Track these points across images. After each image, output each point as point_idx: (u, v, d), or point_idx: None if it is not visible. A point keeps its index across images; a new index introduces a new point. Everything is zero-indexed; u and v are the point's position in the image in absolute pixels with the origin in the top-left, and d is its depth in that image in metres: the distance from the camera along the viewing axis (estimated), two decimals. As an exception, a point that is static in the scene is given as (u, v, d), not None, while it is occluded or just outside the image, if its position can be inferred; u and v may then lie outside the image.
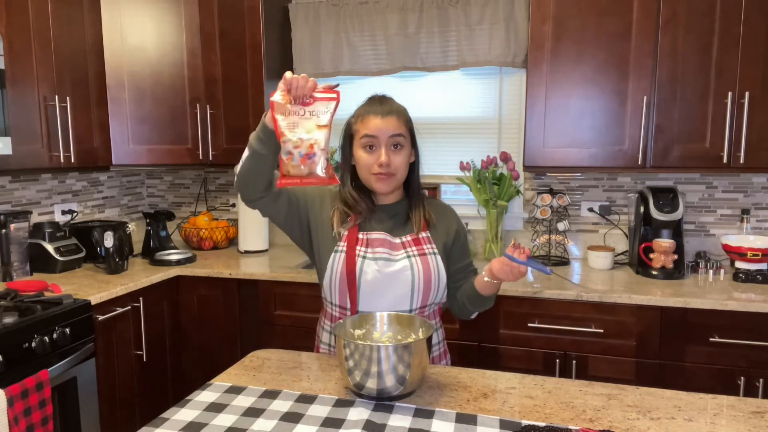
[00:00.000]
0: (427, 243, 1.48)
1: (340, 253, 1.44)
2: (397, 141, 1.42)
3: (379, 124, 1.41)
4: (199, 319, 2.64)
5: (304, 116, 1.24)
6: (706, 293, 2.08)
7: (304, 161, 1.23)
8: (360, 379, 1.16)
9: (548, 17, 2.34)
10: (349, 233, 1.46)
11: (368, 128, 1.42)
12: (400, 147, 1.43)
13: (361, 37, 2.86)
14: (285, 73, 1.25)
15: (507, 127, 2.83)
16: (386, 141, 1.41)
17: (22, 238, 2.41)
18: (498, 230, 2.67)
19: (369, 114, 1.43)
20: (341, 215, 1.48)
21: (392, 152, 1.42)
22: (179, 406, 1.19)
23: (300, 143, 1.23)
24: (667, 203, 2.35)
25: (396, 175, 1.44)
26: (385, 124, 1.41)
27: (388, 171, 1.42)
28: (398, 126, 1.42)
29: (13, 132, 2.12)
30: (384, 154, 1.41)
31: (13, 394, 1.66)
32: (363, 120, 1.44)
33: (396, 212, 1.51)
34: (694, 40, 2.21)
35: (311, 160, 1.24)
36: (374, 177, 1.43)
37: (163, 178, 3.39)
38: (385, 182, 1.43)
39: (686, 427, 1.09)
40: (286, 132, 1.23)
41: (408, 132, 1.46)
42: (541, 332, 2.18)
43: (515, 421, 1.11)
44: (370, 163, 1.42)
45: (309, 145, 1.23)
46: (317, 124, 1.24)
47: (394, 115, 1.43)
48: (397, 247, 1.46)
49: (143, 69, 2.67)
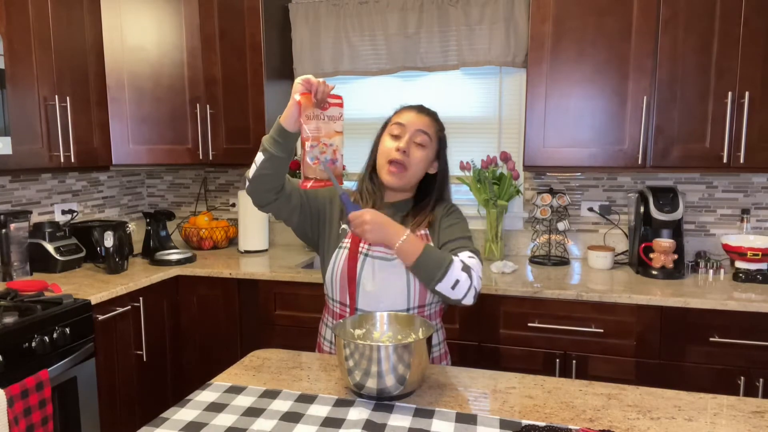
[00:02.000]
0: (424, 240, 1.47)
1: (344, 249, 1.46)
2: (422, 138, 1.46)
3: (411, 117, 1.48)
4: (199, 319, 2.64)
5: (324, 121, 1.30)
6: (706, 293, 2.08)
7: (330, 165, 1.31)
8: (360, 379, 1.16)
9: (548, 17, 2.34)
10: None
11: (400, 117, 1.49)
12: (423, 146, 1.46)
13: (361, 37, 2.86)
14: (303, 76, 1.28)
15: (507, 126, 2.83)
16: (412, 133, 1.45)
17: (22, 238, 2.41)
18: (498, 230, 2.67)
19: (407, 108, 1.52)
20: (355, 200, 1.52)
21: (413, 146, 1.45)
22: (179, 406, 1.19)
23: (326, 149, 1.30)
24: (667, 203, 2.35)
25: (409, 170, 1.45)
26: (418, 118, 1.47)
27: (402, 160, 1.43)
28: (429, 125, 1.48)
29: (13, 132, 2.12)
30: (405, 141, 1.44)
31: (13, 394, 1.66)
32: (399, 112, 1.51)
33: (397, 210, 1.52)
34: (694, 40, 2.21)
35: (335, 165, 1.31)
36: (388, 166, 1.45)
37: (163, 178, 3.39)
38: (396, 174, 1.45)
39: (686, 427, 1.09)
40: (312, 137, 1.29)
41: (436, 137, 1.50)
42: (541, 332, 2.18)
43: (515, 421, 1.11)
44: (390, 148, 1.45)
45: (333, 150, 1.31)
46: (335, 130, 1.31)
47: (430, 116, 1.50)
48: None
49: (143, 69, 2.67)
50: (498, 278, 2.32)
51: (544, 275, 2.38)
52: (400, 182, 1.46)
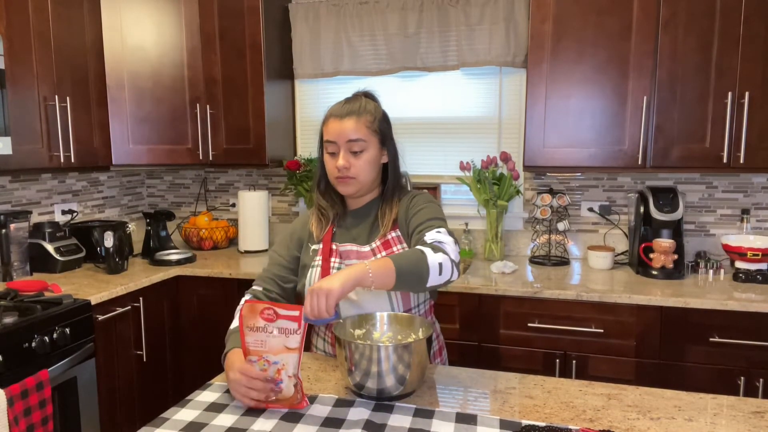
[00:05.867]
0: (397, 243, 1.43)
1: (316, 267, 1.43)
2: (358, 145, 1.38)
3: (336, 128, 1.38)
4: (199, 319, 2.64)
5: (271, 333, 1.13)
6: (706, 293, 2.08)
7: (273, 388, 1.14)
8: (360, 379, 1.16)
9: (548, 17, 2.34)
10: (323, 246, 1.45)
11: (328, 133, 1.40)
12: (361, 150, 1.38)
13: (361, 37, 2.86)
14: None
15: (507, 127, 2.83)
16: (344, 145, 1.38)
17: (22, 238, 2.41)
18: (498, 230, 2.67)
19: (330, 117, 1.40)
20: (317, 220, 1.49)
21: (351, 157, 1.38)
22: (179, 406, 1.19)
23: (267, 366, 1.14)
24: (667, 203, 2.35)
25: (357, 178, 1.40)
26: (342, 127, 1.37)
27: (347, 174, 1.39)
28: (356, 129, 1.37)
29: (13, 132, 2.12)
30: (342, 157, 1.38)
31: (13, 394, 1.66)
32: (325, 124, 1.41)
33: (366, 215, 1.48)
34: (694, 40, 2.21)
35: (277, 386, 1.14)
36: (336, 181, 1.42)
37: (163, 178, 3.39)
38: (346, 185, 1.41)
39: (686, 427, 1.09)
40: (252, 350, 1.15)
41: (372, 132, 1.39)
42: (541, 332, 2.18)
43: (515, 421, 1.11)
44: (332, 168, 1.41)
45: (276, 369, 1.14)
46: (286, 345, 1.12)
47: (354, 116, 1.38)
48: (367, 256, 1.41)
49: (143, 69, 2.67)
50: (498, 278, 2.32)
51: (544, 275, 2.38)
52: (356, 189, 1.42)
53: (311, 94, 3.09)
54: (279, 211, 3.22)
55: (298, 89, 3.10)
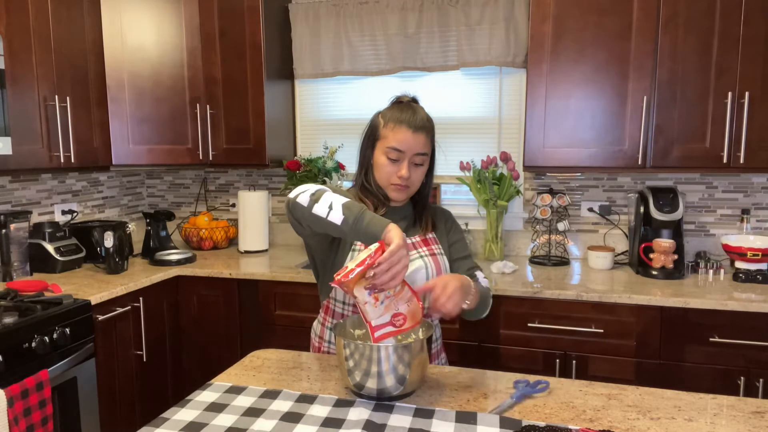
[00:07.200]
0: (434, 243, 1.52)
1: (358, 252, 1.44)
2: (421, 159, 1.44)
3: (409, 140, 1.40)
4: (199, 319, 2.64)
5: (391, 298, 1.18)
6: (706, 293, 2.08)
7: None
8: (360, 379, 1.16)
9: (548, 17, 2.34)
10: None
11: (397, 140, 1.40)
12: (422, 164, 1.45)
13: (361, 37, 2.86)
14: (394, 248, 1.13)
15: (507, 127, 2.83)
16: (411, 157, 1.42)
17: (22, 238, 2.41)
18: (498, 230, 2.67)
19: (401, 124, 1.40)
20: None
21: (413, 168, 1.44)
22: (179, 406, 1.19)
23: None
24: (667, 203, 2.35)
25: (411, 187, 1.46)
26: (415, 140, 1.40)
27: (406, 184, 1.44)
28: (426, 145, 1.43)
29: (13, 132, 2.12)
30: (406, 168, 1.41)
31: (13, 394, 1.66)
32: (393, 129, 1.41)
33: (405, 215, 1.54)
34: (694, 40, 2.21)
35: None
36: (392, 186, 1.45)
37: (163, 178, 3.39)
38: (401, 192, 1.46)
39: (686, 427, 1.09)
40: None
41: (431, 148, 1.47)
42: (541, 332, 2.18)
43: (515, 420, 1.11)
44: (390, 173, 1.43)
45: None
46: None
47: (425, 132, 1.42)
48: (409, 248, 1.45)
49: (143, 69, 2.67)
50: (498, 278, 2.32)
51: (544, 275, 2.38)
52: (408, 196, 1.49)
53: (311, 94, 3.09)
54: (279, 211, 3.22)
55: (298, 89, 3.10)
